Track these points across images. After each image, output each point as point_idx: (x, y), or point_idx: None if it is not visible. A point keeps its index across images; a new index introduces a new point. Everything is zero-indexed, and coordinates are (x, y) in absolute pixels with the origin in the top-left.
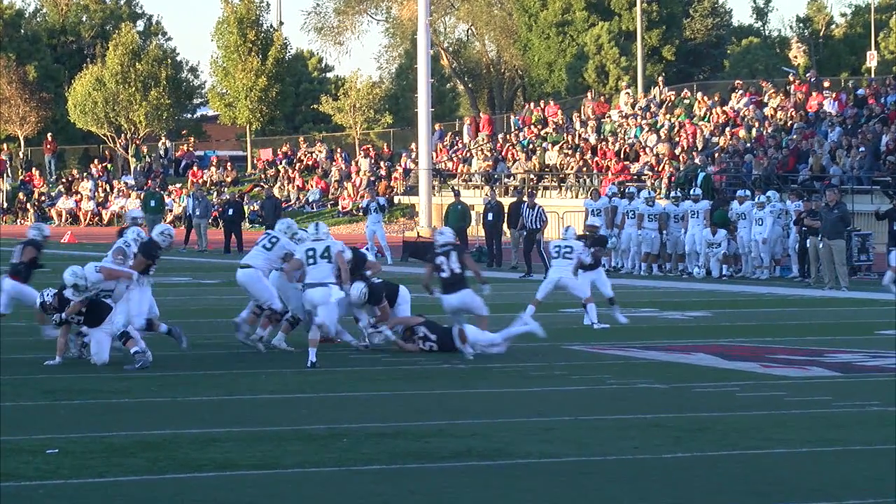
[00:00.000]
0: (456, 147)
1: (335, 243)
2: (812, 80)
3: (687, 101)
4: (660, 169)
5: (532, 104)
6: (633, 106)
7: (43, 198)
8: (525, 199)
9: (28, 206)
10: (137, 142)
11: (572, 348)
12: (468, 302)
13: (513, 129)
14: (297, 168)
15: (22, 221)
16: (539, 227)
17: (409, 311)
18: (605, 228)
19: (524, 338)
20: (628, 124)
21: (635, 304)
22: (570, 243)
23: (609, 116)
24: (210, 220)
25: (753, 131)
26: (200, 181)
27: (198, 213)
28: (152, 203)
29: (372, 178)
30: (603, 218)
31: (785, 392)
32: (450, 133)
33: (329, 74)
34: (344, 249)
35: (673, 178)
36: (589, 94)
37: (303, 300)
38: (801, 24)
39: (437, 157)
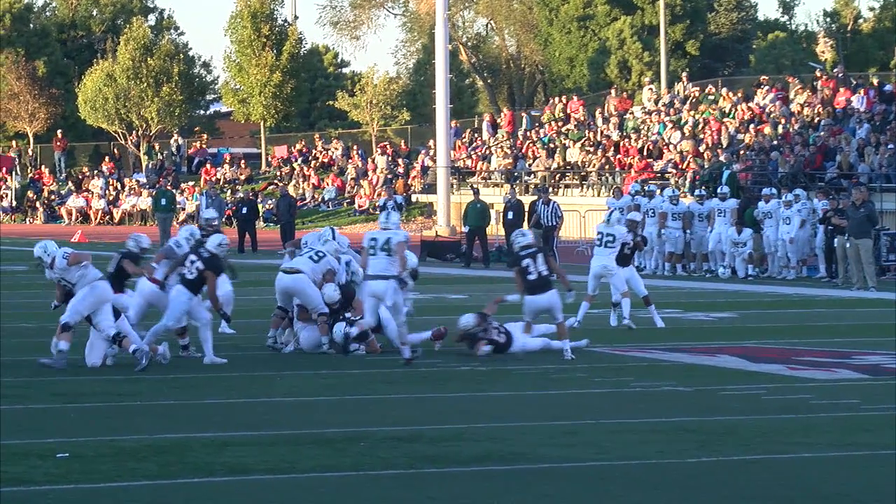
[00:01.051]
0: (475, 144)
1: (398, 234)
2: (839, 75)
3: (711, 97)
4: (684, 167)
5: (556, 98)
6: (656, 102)
7: (52, 196)
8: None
9: (37, 204)
10: (149, 139)
11: (594, 350)
12: (555, 303)
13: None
14: (312, 166)
15: (31, 220)
16: (555, 224)
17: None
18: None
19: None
20: (651, 121)
21: (659, 304)
22: (613, 231)
23: (632, 113)
24: (224, 219)
25: (780, 128)
26: (213, 179)
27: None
28: (163, 201)
29: (389, 176)
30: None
31: (812, 395)
32: (468, 130)
33: (345, 70)
34: (407, 239)
35: (697, 176)
36: (612, 91)
37: (364, 292)
38: (828, 19)
39: (455, 154)
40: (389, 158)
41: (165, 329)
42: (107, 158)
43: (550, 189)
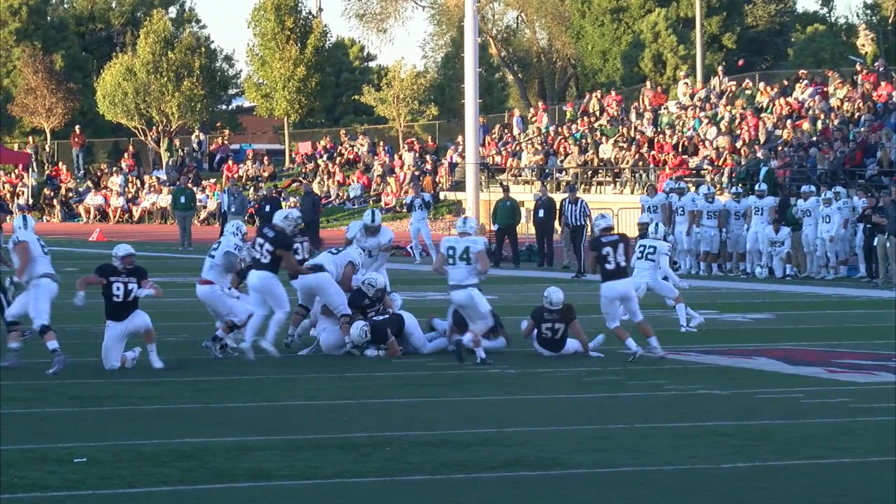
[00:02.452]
0: (505, 140)
1: (476, 242)
2: (880, 69)
3: (749, 92)
4: (720, 163)
5: (594, 93)
6: (691, 97)
7: (70, 194)
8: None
9: (55, 202)
10: (169, 135)
11: (627, 352)
12: (631, 294)
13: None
14: (337, 162)
15: (48, 218)
16: (583, 223)
17: (422, 334)
18: (663, 226)
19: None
20: (686, 116)
21: (694, 305)
22: (654, 242)
23: (666, 108)
24: (246, 217)
25: (818, 124)
26: (236, 176)
27: (233, 209)
28: (182, 199)
29: (416, 173)
30: (660, 214)
31: (851, 398)
32: (498, 125)
33: (371, 63)
34: (485, 248)
35: (734, 173)
36: (647, 84)
37: (451, 301)
38: (868, 11)
39: (484, 150)
40: (417, 155)
41: (281, 320)
42: (126, 155)
43: (582, 187)
